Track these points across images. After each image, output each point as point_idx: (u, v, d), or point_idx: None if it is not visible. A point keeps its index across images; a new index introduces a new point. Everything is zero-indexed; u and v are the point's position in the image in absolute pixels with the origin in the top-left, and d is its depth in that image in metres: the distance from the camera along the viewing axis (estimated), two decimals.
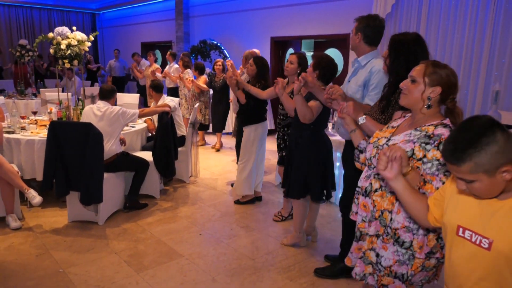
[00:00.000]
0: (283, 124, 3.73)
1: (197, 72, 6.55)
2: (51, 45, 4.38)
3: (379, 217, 1.72)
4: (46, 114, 4.98)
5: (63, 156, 3.39)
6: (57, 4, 12.85)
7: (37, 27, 12.78)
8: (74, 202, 3.59)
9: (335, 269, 2.87)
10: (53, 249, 3.17)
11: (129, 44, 11.93)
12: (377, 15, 2.53)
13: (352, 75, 2.63)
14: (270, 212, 4.05)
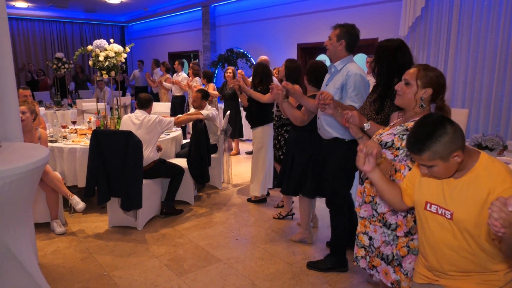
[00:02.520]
0: (278, 125, 3.98)
1: (206, 80, 6.74)
2: (90, 57, 4.56)
3: (370, 202, 2.00)
4: (84, 123, 5.18)
5: (104, 163, 3.52)
6: (88, 18, 13.34)
7: (69, 41, 13.29)
8: (114, 208, 3.71)
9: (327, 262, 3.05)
10: (96, 253, 3.29)
11: (156, 54, 12.23)
12: (354, 24, 2.76)
13: (329, 79, 2.85)
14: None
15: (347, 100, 2.68)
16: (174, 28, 12.24)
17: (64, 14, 12.70)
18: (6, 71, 2.49)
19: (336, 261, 3.02)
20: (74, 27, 13.41)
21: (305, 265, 3.11)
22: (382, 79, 2.35)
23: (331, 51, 2.80)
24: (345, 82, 2.70)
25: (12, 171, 1.90)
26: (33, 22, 12.48)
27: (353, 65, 2.76)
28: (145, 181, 3.67)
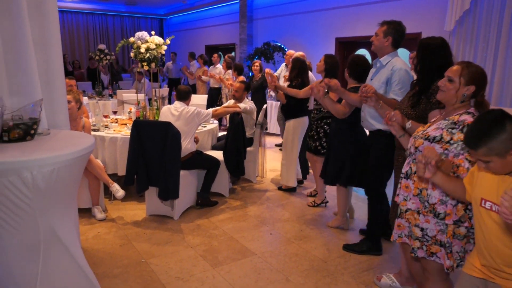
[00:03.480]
0: (317, 118, 4.10)
1: (236, 73, 6.80)
2: (132, 49, 4.67)
3: (418, 194, 2.06)
4: (124, 114, 5.31)
5: (144, 153, 3.59)
6: (128, 11, 13.68)
7: (111, 33, 13.70)
8: (152, 197, 3.79)
9: (363, 245, 3.25)
10: (134, 240, 3.37)
11: (194, 47, 12.38)
12: (401, 22, 2.89)
13: (374, 74, 2.98)
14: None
15: (390, 93, 2.82)
16: (211, 21, 12.34)
17: (106, 7, 13.10)
18: (55, 61, 2.57)
19: (371, 245, 3.22)
20: (115, 19, 13.80)
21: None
22: (422, 76, 2.42)
23: (377, 46, 2.93)
24: (390, 77, 2.83)
25: (61, 157, 1.96)
26: (78, 15, 12.94)
27: (398, 60, 2.87)
28: (182, 172, 3.72)
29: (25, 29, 2.40)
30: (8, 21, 2.37)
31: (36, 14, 2.47)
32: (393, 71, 2.81)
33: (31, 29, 2.44)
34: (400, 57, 2.91)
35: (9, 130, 2.11)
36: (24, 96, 2.45)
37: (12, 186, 1.87)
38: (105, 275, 2.80)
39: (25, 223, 2.01)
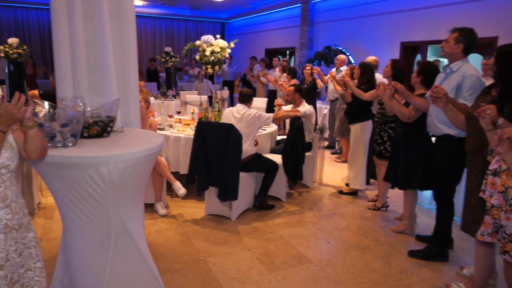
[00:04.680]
0: (381, 122, 4.08)
1: (290, 76, 6.79)
2: (197, 52, 4.81)
3: (503, 192, 2.13)
4: (187, 114, 5.50)
5: (206, 153, 3.68)
6: (193, 15, 14.19)
7: (175, 36, 14.29)
8: (211, 196, 3.87)
9: (429, 252, 3.23)
10: (193, 237, 3.46)
11: (254, 50, 12.53)
12: (473, 29, 2.90)
13: (444, 79, 3.01)
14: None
15: (460, 99, 2.86)
16: (271, 25, 12.41)
17: (172, 12, 13.68)
18: (130, 63, 2.72)
19: (438, 251, 3.20)
20: (180, 23, 14.38)
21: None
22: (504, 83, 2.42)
23: (447, 53, 2.98)
24: (461, 83, 2.86)
25: (135, 154, 2.06)
26: (146, 19, 13.66)
27: (469, 66, 2.92)
28: (241, 174, 3.75)
29: (105, 33, 2.56)
30: (91, 25, 2.55)
31: (116, 18, 2.62)
32: (464, 77, 2.85)
33: (111, 32, 2.60)
34: (470, 63, 2.96)
35: (89, 126, 2.26)
36: (102, 95, 2.61)
37: (90, 179, 1.99)
38: (166, 269, 2.90)
39: (99, 215, 2.13)
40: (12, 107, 1.43)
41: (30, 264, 1.76)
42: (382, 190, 4.23)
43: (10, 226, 1.64)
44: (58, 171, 2.00)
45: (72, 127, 2.06)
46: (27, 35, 12.16)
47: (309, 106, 4.71)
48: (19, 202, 1.71)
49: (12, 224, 1.65)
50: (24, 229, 1.73)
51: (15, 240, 1.67)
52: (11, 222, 1.65)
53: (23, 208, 1.74)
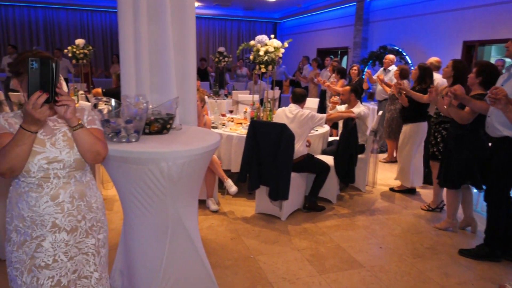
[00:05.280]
0: (436, 122, 4.01)
1: (339, 76, 6.78)
2: (251, 52, 4.86)
3: None
4: (239, 113, 5.57)
5: (258, 153, 3.71)
6: (246, 15, 14.36)
7: (228, 36, 14.55)
8: (262, 195, 3.90)
9: (480, 251, 3.21)
10: (244, 235, 3.51)
11: (305, 50, 12.44)
12: None
13: (506, 80, 2.95)
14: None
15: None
16: (324, 24, 12.24)
17: (225, 12, 13.94)
18: (190, 63, 2.80)
19: (489, 251, 3.17)
20: (233, 24, 14.62)
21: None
22: None
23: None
24: None
25: (193, 151, 2.13)
26: (201, 20, 14.02)
27: None
28: (293, 174, 3.74)
29: (167, 33, 2.66)
30: (154, 26, 2.66)
31: (177, 19, 2.72)
32: None
33: (172, 33, 2.69)
34: None
35: (150, 123, 2.37)
36: (162, 93, 2.72)
37: (151, 173, 2.08)
38: (217, 264, 2.96)
39: (158, 208, 2.23)
40: (29, 107, 1.33)
41: (85, 272, 1.66)
42: (436, 191, 4.18)
43: (59, 226, 1.56)
44: (122, 165, 2.12)
45: (136, 124, 2.17)
46: (91, 36, 12.94)
47: (364, 107, 4.60)
48: (77, 205, 1.61)
49: (62, 225, 1.57)
50: (81, 234, 1.63)
51: (66, 242, 1.58)
52: (60, 222, 1.56)
53: (85, 213, 1.64)
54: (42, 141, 1.54)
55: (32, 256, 1.54)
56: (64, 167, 1.56)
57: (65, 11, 12.73)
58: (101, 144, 1.60)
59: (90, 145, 1.54)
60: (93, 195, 1.71)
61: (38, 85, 1.31)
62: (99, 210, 1.74)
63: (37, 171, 1.52)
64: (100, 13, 13.11)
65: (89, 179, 1.71)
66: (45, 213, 1.54)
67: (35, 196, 1.54)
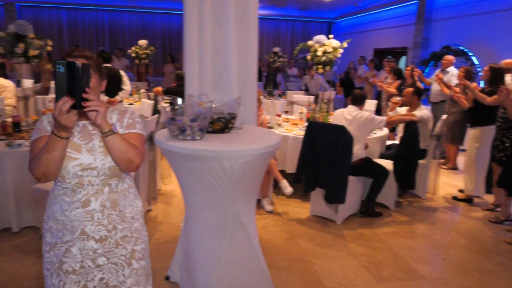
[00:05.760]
0: (503, 127, 3.91)
1: (395, 77, 6.53)
2: (309, 52, 4.82)
3: None
4: (294, 114, 5.55)
5: (315, 154, 3.66)
6: (300, 15, 14.27)
7: (282, 37, 14.56)
8: (317, 197, 3.85)
9: None
10: (298, 237, 3.48)
11: (361, 50, 12.11)
12: None
13: None
14: None
15: None
16: (381, 24, 11.84)
17: (280, 12, 13.94)
18: (251, 63, 2.83)
19: None
20: (288, 24, 14.59)
21: None
22: None
23: None
24: None
25: (255, 151, 2.14)
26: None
27: None
28: (350, 177, 3.65)
29: (231, 33, 2.70)
30: (218, 26, 2.72)
31: (241, 21, 2.75)
32: None
33: (235, 34, 2.73)
34: None
35: (213, 122, 2.41)
36: (224, 93, 2.77)
37: (214, 171, 2.12)
38: (272, 265, 2.96)
39: (218, 205, 2.26)
40: (55, 113, 1.26)
41: (113, 281, 1.58)
42: (507, 202, 3.92)
43: (87, 234, 1.50)
44: (186, 162, 2.18)
45: (200, 122, 2.22)
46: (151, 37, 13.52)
47: (426, 110, 4.39)
48: (107, 214, 1.52)
49: (91, 233, 1.50)
50: (111, 244, 1.54)
51: (94, 250, 1.52)
52: (89, 230, 1.50)
53: (117, 223, 1.54)
54: (79, 146, 1.47)
55: (60, 260, 1.52)
56: (98, 175, 1.48)
57: (128, 13, 13.42)
58: (134, 151, 1.45)
59: (122, 153, 1.42)
60: (128, 205, 1.59)
61: (65, 90, 1.23)
62: (134, 220, 1.62)
63: (72, 177, 1.46)
64: (160, 14, 13.65)
65: (126, 187, 1.60)
66: (75, 219, 1.48)
67: (67, 201, 1.49)
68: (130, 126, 1.57)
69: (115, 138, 1.40)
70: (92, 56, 1.47)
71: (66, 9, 12.95)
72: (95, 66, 1.48)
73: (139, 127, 1.58)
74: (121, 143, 1.41)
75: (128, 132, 1.55)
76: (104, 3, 12.81)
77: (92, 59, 1.48)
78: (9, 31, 4.07)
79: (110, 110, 1.58)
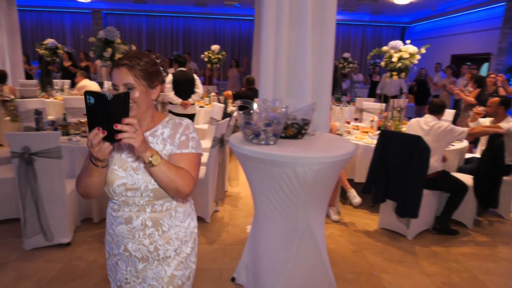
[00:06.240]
0: None
1: (476, 85, 5.99)
2: (384, 58, 4.64)
3: None
4: (364, 121, 5.38)
5: (387, 165, 3.51)
6: (372, 20, 13.85)
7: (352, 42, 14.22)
8: (387, 210, 3.68)
9: None
10: (366, 249, 3.35)
11: (437, 56, 11.43)
12: None
13: None
14: None
15: None
16: (461, 28, 11.08)
17: (351, 17, 13.64)
18: (326, 69, 2.79)
19: None
20: (358, 29, 14.22)
21: None
22: None
23: None
24: None
25: (329, 158, 2.10)
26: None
27: None
28: (424, 190, 3.44)
29: (307, 39, 2.69)
30: (294, 33, 2.72)
31: (318, 25, 2.73)
32: None
33: (312, 38, 2.71)
34: None
35: (287, 127, 2.41)
36: (297, 98, 2.76)
37: (287, 177, 2.12)
38: (338, 276, 2.88)
39: (289, 211, 2.25)
40: (88, 145, 1.19)
41: None
42: None
43: (129, 252, 1.45)
44: (259, 166, 2.20)
45: (274, 127, 2.23)
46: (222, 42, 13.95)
47: None
48: (149, 234, 1.42)
49: (132, 251, 1.44)
50: (152, 264, 1.46)
51: (136, 268, 1.47)
52: (131, 248, 1.44)
53: (159, 244, 1.44)
54: (125, 163, 1.39)
55: (115, 270, 1.54)
56: (142, 196, 1.39)
57: (201, 20, 13.99)
58: (182, 180, 1.31)
59: (168, 183, 1.29)
60: (174, 225, 1.46)
61: (96, 122, 1.14)
62: (181, 243, 1.49)
63: (118, 196, 1.41)
64: (231, 20, 14.04)
65: (174, 206, 1.47)
66: (119, 234, 1.45)
67: (114, 215, 1.46)
68: (182, 145, 1.41)
69: (159, 169, 1.26)
70: (134, 65, 1.33)
71: (146, 16, 13.84)
72: (142, 75, 1.34)
73: (192, 145, 1.43)
74: (167, 172, 1.27)
75: (180, 153, 1.40)
76: (179, 10, 13.50)
77: (137, 67, 1.33)
78: (99, 37, 4.43)
79: (165, 121, 1.46)
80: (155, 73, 1.39)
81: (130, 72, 1.33)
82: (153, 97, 1.42)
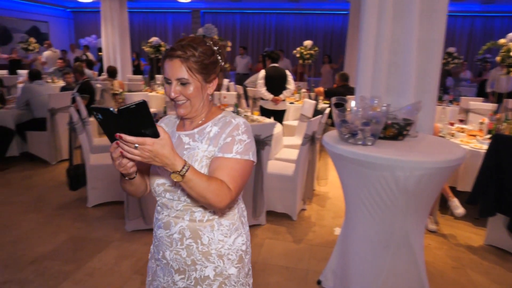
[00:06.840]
0: None
1: None
2: (500, 52, 4.12)
3: None
4: (470, 123, 4.85)
5: (500, 173, 3.09)
6: (482, 10, 12.46)
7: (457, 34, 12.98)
8: (496, 225, 3.26)
9: None
10: (468, 267, 3.00)
11: None
12: None
13: None
14: None
15: None
16: None
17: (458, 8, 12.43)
18: (433, 65, 2.54)
19: None
20: (465, 21, 12.92)
21: None
22: None
23: None
24: None
25: (434, 164, 1.89)
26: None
27: None
28: None
29: (412, 32, 2.47)
30: (399, 26, 2.51)
31: (426, 19, 2.49)
32: None
33: (418, 31, 2.48)
34: None
35: (386, 128, 2.24)
36: (398, 96, 2.56)
37: (384, 181, 1.96)
38: None
39: (384, 218, 2.09)
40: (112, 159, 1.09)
41: None
42: None
43: (167, 260, 1.31)
44: (354, 167, 2.07)
45: (373, 127, 2.08)
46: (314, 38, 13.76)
47: None
48: (186, 245, 1.27)
49: (170, 261, 1.30)
50: (189, 280, 1.29)
51: (173, 280, 1.31)
52: (169, 257, 1.30)
53: (198, 259, 1.27)
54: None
55: (153, 276, 1.41)
56: (180, 200, 1.25)
57: (294, 15, 13.97)
58: (213, 195, 1.11)
59: (196, 197, 1.12)
60: (215, 239, 1.28)
61: (111, 136, 1.02)
62: (224, 262, 1.29)
63: (158, 196, 1.30)
64: (324, 15, 13.77)
65: (217, 218, 1.29)
66: (159, 239, 1.32)
67: (156, 217, 1.35)
68: (226, 148, 1.21)
69: (184, 185, 1.08)
70: (189, 57, 1.17)
71: (240, 13, 14.26)
72: (197, 68, 1.19)
73: (238, 149, 1.21)
74: (195, 188, 1.09)
75: (221, 157, 1.21)
76: (272, 6, 13.63)
77: (191, 59, 1.18)
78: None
79: (218, 118, 1.29)
80: (212, 64, 1.23)
81: (183, 65, 1.18)
82: (209, 92, 1.27)
